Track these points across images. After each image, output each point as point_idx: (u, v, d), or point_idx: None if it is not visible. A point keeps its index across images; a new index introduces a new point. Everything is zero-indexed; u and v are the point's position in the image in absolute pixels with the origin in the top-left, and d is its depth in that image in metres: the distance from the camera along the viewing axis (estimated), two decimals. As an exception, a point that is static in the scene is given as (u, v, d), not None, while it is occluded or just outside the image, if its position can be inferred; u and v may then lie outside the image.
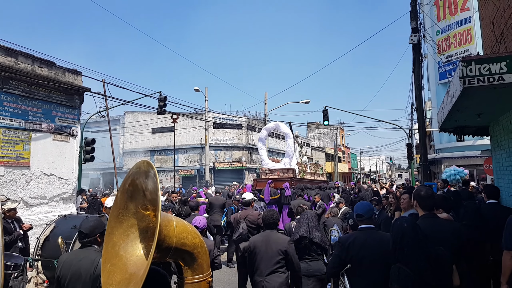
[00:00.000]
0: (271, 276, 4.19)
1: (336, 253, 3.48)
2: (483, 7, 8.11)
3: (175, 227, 2.40)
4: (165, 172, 35.72)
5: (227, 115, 35.01)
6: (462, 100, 5.48)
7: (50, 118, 11.45)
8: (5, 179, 10.14)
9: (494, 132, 8.24)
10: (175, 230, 2.39)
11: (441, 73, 25.26)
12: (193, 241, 2.53)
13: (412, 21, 11.73)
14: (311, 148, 52.82)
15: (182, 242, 2.44)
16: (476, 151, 19.85)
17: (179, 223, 2.48)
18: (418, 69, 11.86)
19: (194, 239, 2.54)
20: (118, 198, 2.52)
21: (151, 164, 2.44)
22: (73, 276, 3.01)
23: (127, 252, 2.38)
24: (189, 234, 2.51)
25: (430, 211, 3.64)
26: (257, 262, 4.32)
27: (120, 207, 2.50)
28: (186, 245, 2.46)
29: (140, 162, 2.52)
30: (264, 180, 14.89)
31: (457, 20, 24.09)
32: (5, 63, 10.18)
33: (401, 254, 2.86)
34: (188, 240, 2.48)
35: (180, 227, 2.45)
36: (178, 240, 2.40)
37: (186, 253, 2.49)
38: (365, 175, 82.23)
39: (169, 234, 2.35)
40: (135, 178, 2.51)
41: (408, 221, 3.02)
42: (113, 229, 2.45)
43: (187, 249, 2.47)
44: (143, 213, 2.40)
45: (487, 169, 12.78)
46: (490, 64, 4.67)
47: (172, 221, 2.44)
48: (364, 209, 3.54)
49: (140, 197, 2.46)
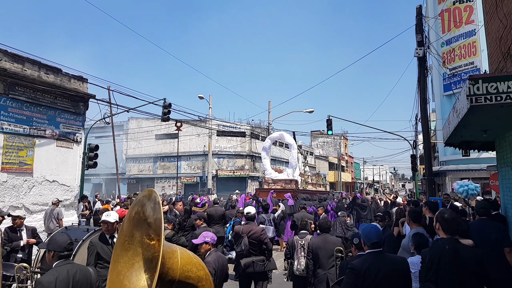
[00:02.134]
0: (332, 269, 5.39)
1: (350, 281, 3.24)
2: (489, 22, 8.07)
3: (179, 259, 2.36)
4: (168, 179, 35.68)
5: (230, 123, 35.04)
6: (469, 117, 5.42)
7: (54, 125, 11.48)
8: (7, 185, 10.13)
9: (500, 148, 8.15)
10: (179, 262, 2.35)
11: (446, 85, 25.19)
12: (197, 274, 2.47)
13: (417, 34, 11.72)
14: (314, 157, 52.71)
15: (186, 275, 2.39)
16: (481, 164, 19.71)
17: (183, 255, 2.43)
18: (423, 82, 11.83)
19: (198, 272, 2.49)
20: (125, 226, 2.52)
21: (155, 192, 2.43)
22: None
23: (131, 282, 2.35)
24: (193, 267, 2.46)
25: (453, 235, 3.40)
26: (320, 259, 5.46)
27: (126, 234, 2.48)
28: (191, 278, 2.42)
29: (146, 190, 2.51)
30: (266, 190, 14.85)
31: (462, 32, 24.08)
32: (11, 69, 10.23)
33: (435, 275, 2.76)
34: (192, 273, 2.43)
35: (184, 259, 2.41)
36: (182, 272, 2.35)
37: (190, 286, 2.43)
38: (369, 184, 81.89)
39: (173, 266, 2.31)
40: (140, 206, 2.49)
41: (450, 243, 2.89)
42: (119, 257, 2.43)
43: (191, 282, 2.42)
44: (148, 243, 2.37)
45: (493, 185, 12.66)
46: (497, 83, 4.62)
47: (177, 252, 2.40)
48: (378, 235, 3.41)
49: (145, 225, 2.44)
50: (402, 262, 3.29)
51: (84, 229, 5.33)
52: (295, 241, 5.98)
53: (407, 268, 3.29)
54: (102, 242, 4.71)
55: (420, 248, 4.19)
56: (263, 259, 6.02)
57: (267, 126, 30.16)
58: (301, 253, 5.84)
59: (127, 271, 2.39)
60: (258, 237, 6.00)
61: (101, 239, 4.78)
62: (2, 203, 9.80)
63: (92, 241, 4.67)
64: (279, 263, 8.33)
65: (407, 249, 4.90)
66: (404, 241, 5.26)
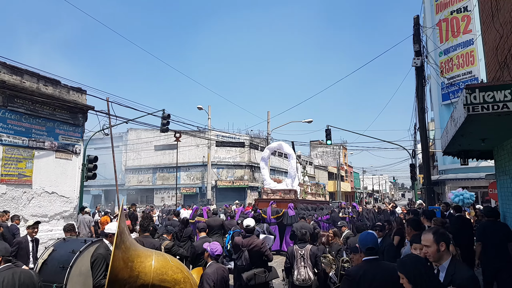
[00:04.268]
0: None
1: (345, 287, 3.32)
2: (486, 32, 8.15)
3: (153, 262, 2.38)
4: (167, 190, 35.60)
5: (229, 134, 35.08)
6: (466, 126, 5.45)
7: (53, 136, 11.48)
8: (6, 197, 10.10)
9: (498, 156, 8.17)
10: (152, 265, 2.37)
11: (444, 94, 25.30)
12: (173, 277, 2.46)
13: (415, 44, 11.81)
14: (313, 167, 52.67)
15: (161, 278, 2.40)
16: (480, 173, 19.69)
17: (159, 259, 2.45)
18: (421, 92, 11.88)
19: (175, 275, 2.48)
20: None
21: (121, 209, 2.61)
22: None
23: None
24: (169, 270, 2.46)
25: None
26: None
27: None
28: (166, 281, 2.43)
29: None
30: (265, 200, 14.78)
31: (460, 42, 24.26)
32: (10, 81, 10.26)
33: None
34: (168, 276, 2.44)
35: (160, 262, 2.43)
36: (156, 275, 2.37)
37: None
38: (368, 194, 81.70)
39: (145, 270, 2.32)
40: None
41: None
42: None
43: (166, 285, 2.43)
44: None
45: (492, 194, 12.65)
46: (494, 92, 4.66)
47: (151, 257, 2.42)
48: (373, 241, 3.45)
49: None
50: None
51: (82, 241, 5.29)
52: (294, 251, 5.94)
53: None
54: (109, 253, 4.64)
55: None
56: (264, 270, 6.03)
57: (266, 136, 30.18)
58: (301, 263, 5.81)
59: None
60: (259, 250, 6.01)
61: (106, 251, 4.78)
62: (1, 215, 9.75)
63: (102, 254, 4.66)
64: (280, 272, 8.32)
65: None
66: (406, 251, 5.26)
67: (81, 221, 11.80)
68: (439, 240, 2.94)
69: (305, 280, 5.72)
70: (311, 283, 5.77)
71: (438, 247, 2.93)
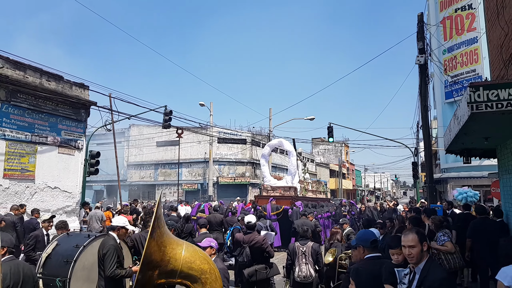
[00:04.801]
0: None
1: (347, 285, 3.31)
2: (491, 29, 8.11)
3: (183, 251, 2.62)
4: (169, 186, 35.65)
5: (231, 130, 35.07)
6: (470, 124, 5.42)
7: (56, 131, 11.51)
8: (9, 192, 10.15)
9: (501, 155, 8.14)
10: (182, 253, 2.61)
11: (447, 92, 25.22)
12: (201, 267, 2.68)
13: (418, 42, 11.76)
14: (315, 164, 52.65)
15: (189, 266, 2.63)
16: (483, 172, 19.65)
17: (189, 249, 2.70)
18: (424, 89, 11.84)
19: (202, 265, 2.69)
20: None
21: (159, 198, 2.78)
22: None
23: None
24: (197, 259, 2.68)
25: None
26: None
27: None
28: (193, 269, 2.65)
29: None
30: (265, 197, 14.78)
31: (463, 40, 24.14)
32: (13, 76, 10.29)
33: None
34: (195, 265, 2.66)
35: (189, 251, 2.68)
36: (185, 263, 2.60)
37: (194, 277, 2.65)
38: (370, 192, 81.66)
39: (175, 256, 2.56)
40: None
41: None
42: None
43: (193, 273, 2.64)
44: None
45: (494, 192, 12.63)
46: (498, 90, 4.63)
47: (181, 246, 2.67)
48: (375, 235, 3.46)
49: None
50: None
51: (86, 235, 5.32)
52: (296, 248, 5.95)
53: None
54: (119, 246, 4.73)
55: None
56: (265, 267, 6.04)
57: (268, 133, 30.17)
58: (302, 259, 5.82)
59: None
60: (260, 247, 6.02)
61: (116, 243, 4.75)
62: (5, 210, 9.80)
63: (114, 245, 4.64)
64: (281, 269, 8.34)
65: None
66: None
67: (93, 216, 11.94)
68: (423, 240, 2.93)
69: (306, 277, 5.74)
70: (312, 280, 5.78)
71: (422, 247, 2.91)
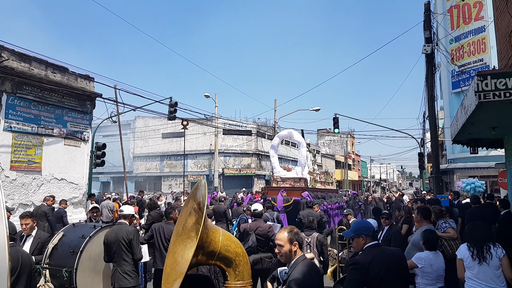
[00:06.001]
0: None
1: (353, 277, 3.14)
2: (499, 17, 7.98)
3: (220, 235, 2.90)
4: (174, 177, 35.80)
5: (236, 122, 35.03)
6: (477, 113, 5.37)
7: (62, 123, 11.56)
8: (16, 183, 10.23)
9: (509, 145, 8.06)
10: (220, 237, 2.88)
11: (454, 82, 24.95)
12: (236, 250, 2.95)
13: (425, 31, 11.61)
14: (320, 155, 52.56)
15: (226, 248, 2.89)
16: (490, 162, 19.50)
17: (225, 233, 2.98)
18: (431, 79, 11.72)
19: (237, 248, 2.96)
20: (182, 215, 3.13)
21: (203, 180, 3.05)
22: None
23: (183, 258, 2.91)
24: (232, 243, 2.97)
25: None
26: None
27: (182, 222, 3.11)
28: (229, 251, 2.90)
29: (198, 181, 3.19)
30: (275, 189, 14.75)
31: (471, 29, 23.80)
32: (19, 68, 10.31)
33: None
34: (231, 248, 2.93)
35: (225, 236, 2.95)
36: (222, 246, 2.86)
37: (229, 259, 2.91)
38: (376, 183, 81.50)
39: (215, 239, 2.84)
40: (192, 196, 3.12)
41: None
42: (175, 242, 3.06)
43: (229, 255, 2.90)
44: (198, 227, 2.84)
45: (502, 183, 12.54)
46: (506, 79, 4.57)
47: (219, 230, 2.96)
48: (374, 225, 3.46)
49: (195, 213, 3.04)
50: (400, 255, 3.36)
51: (92, 226, 5.36)
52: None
53: (405, 260, 3.39)
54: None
55: (429, 244, 4.36)
56: (270, 256, 6.03)
57: (274, 124, 30.11)
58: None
59: (181, 250, 2.97)
60: (266, 233, 6.01)
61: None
62: (12, 201, 9.89)
63: (137, 231, 5.13)
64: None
65: (417, 245, 4.92)
66: (415, 238, 5.26)
67: (104, 206, 12.50)
68: (293, 240, 2.99)
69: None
70: (317, 271, 5.76)
71: (291, 247, 2.97)
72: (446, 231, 5.68)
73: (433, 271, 4.19)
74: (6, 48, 10.08)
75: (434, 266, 4.21)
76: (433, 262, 4.23)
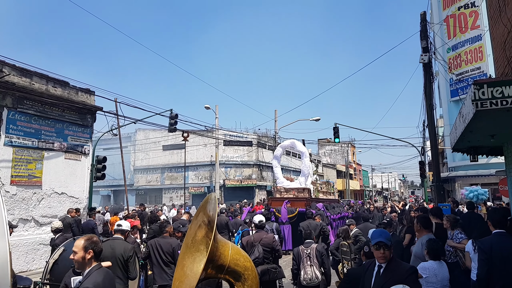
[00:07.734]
0: None
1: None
2: (494, 27, 8.06)
3: (230, 248, 2.94)
4: (175, 190, 35.75)
5: (237, 133, 35.11)
6: (475, 122, 5.39)
7: (62, 137, 11.60)
8: (17, 198, 10.23)
9: (508, 152, 8.07)
10: (229, 250, 2.92)
11: (453, 91, 25.05)
12: (244, 264, 3.00)
13: (422, 40, 11.70)
14: (322, 165, 52.50)
15: (235, 262, 2.94)
16: (490, 170, 19.49)
17: (234, 247, 3.03)
18: (429, 88, 11.78)
19: (246, 262, 3.02)
20: (191, 229, 3.17)
21: (214, 194, 3.08)
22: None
23: (192, 271, 2.92)
24: (241, 257, 3.02)
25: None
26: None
27: (191, 235, 3.12)
28: (239, 265, 2.96)
29: (208, 195, 3.14)
30: (279, 199, 14.66)
31: (468, 38, 23.99)
32: (20, 83, 10.39)
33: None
34: (240, 262, 2.97)
35: (234, 250, 3.01)
36: (232, 260, 2.89)
37: (238, 273, 2.95)
38: (377, 192, 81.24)
39: (224, 253, 2.86)
40: (202, 209, 3.13)
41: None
42: (184, 255, 3.07)
43: (239, 269, 2.95)
44: (207, 241, 2.92)
45: (503, 190, 12.52)
46: (503, 87, 4.60)
47: (229, 244, 3.00)
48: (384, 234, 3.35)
49: (205, 227, 3.04)
50: (408, 270, 3.23)
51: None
52: (300, 251, 5.90)
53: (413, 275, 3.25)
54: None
55: (433, 253, 4.30)
56: (275, 267, 6.02)
57: (274, 135, 30.18)
58: (307, 262, 5.76)
59: (190, 264, 2.99)
60: (271, 244, 6.00)
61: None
62: (12, 216, 9.87)
63: (135, 249, 5.10)
64: (287, 272, 8.27)
65: (420, 256, 4.85)
66: (416, 249, 5.16)
67: (100, 220, 13.18)
68: (88, 248, 3.05)
69: (312, 279, 5.63)
70: (319, 283, 5.66)
71: (85, 255, 3.03)
72: (462, 242, 5.54)
73: (437, 281, 4.12)
74: (7, 63, 10.17)
75: (439, 276, 4.15)
76: (437, 272, 4.16)
